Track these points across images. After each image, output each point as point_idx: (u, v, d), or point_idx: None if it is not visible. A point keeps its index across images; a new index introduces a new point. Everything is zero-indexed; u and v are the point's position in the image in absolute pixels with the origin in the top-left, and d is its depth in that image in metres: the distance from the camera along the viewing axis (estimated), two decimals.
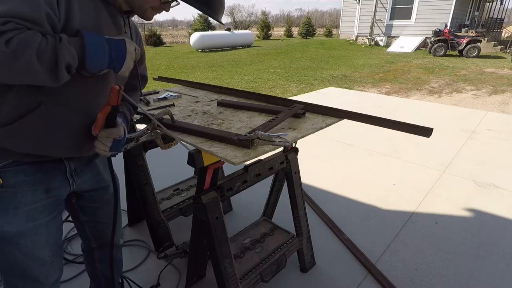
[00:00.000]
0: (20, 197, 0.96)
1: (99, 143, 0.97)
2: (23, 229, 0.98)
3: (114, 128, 0.97)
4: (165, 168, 3.12)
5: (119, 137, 0.98)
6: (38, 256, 1.04)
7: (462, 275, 1.83)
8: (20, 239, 0.98)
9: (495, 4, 15.19)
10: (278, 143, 1.04)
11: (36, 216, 1.00)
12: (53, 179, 1.02)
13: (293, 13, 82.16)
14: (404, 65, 10.14)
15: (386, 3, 15.00)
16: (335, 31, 27.04)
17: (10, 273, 1.05)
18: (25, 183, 0.95)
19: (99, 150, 0.98)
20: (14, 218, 0.96)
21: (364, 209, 2.47)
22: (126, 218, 2.28)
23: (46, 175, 1.00)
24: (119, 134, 0.98)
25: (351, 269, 1.88)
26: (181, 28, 51.74)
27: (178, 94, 1.84)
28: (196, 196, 1.28)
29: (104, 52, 0.86)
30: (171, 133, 1.19)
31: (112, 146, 0.98)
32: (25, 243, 0.99)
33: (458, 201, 2.57)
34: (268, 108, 1.51)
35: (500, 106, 5.52)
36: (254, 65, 10.32)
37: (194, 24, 22.98)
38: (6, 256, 1.01)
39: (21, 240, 0.98)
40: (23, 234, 0.98)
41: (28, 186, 0.96)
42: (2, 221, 0.96)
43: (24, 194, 0.96)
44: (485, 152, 3.52)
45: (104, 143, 0.96)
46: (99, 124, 0.94)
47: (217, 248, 1.32)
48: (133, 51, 0.93)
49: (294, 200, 1.71)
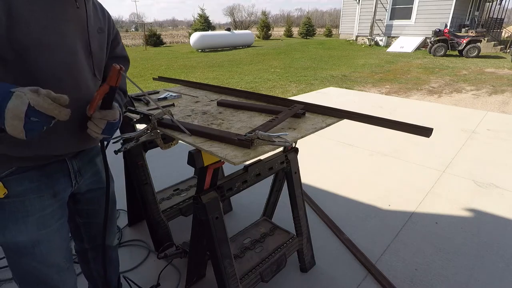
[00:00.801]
0: (28, 205, 0.93)
1: (92, 124, 0.93)
2: (36, 237, 0.96)
3: (110, 110, 0.93)
4: (165, 168, 3.12)
5: (114, 120, 0.94)
6: (54, 262, 1.02)
7: (462, 275, 1.83)
8: (34, 248, 0.96)
9: (495, 4, 15.19)
10: (278, 143, 1.04)
11: (47, 222, 0.98)
12: (57, 182, 1.01)
13: (293, 13, 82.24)
14: (404, 65, 10.14)
15: (386, 3, 15.00)
16: (335, 31, 27.05)
17: (28, 284, 1.03)
18: (31, 190, 0.93)
19: (91, 131, 0.94)
20: (26, 227, 0.94)
21: (364, 209, 2.47)
22: (126, 218, 2.28)
23: (50, 178, 0.98)
24: (115, 116, 0.94)
25: (351, 269, 1.88)
26: (181, 28, 51.75)
27: (178, 94, 1.84)
28: (196, 196, 1.28)
29: None
30: (180, 125, 1.18)
31: (105, 129, 0.94)
32: (40, 251, 0.98)
33: (458, 201, 2.57)
34: (268, 108, 1.51)
35: (500, 106, 5.52)
36: (254, 65, 10.32)
37: (194, 24, 22.97)
38: (22, 267, 0.99)
39: (35, 249, 0.97)
40: (36, 242, 0.96)
41: (35, 192, 0.94)
42: (14, 231, 0.93)
43: (32, 202, 0.94)
44: (485, 152, 3.52)
45: (97, 125, 0.92)
46: (95, 104, 0.90)
47: (217, 248, 1.32)
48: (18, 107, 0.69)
49: (294, 200, 1.71)
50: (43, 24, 0.83)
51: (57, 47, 0.86)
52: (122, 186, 2.10)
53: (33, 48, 0.82)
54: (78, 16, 0.92)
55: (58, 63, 0.88)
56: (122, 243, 2.08)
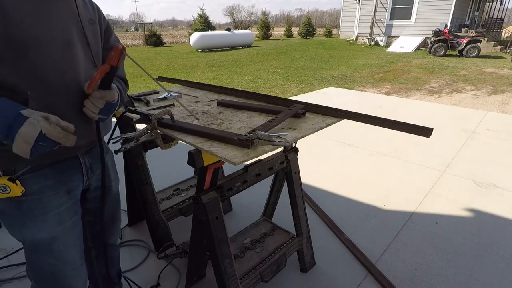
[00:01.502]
0: (46, 202, 0.94)
1: (89, 103, 0.91)
2: (54, 233, 0.97)
3: (109, 91, 0.92)
4: (165, 168, 3.12)
5: (112, 100, 0.93)
6: (70, 259, 1.03)
7: (462, 275, 1.83)
8: (52, 245, 0.97)
9: (495, 4, 15.19)
10: (278, 143, 1.04)
11: (64, 219, 0.99)
12: (71, 179, 1.02)
13: (293, 13, 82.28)
14: (404, 65, 10.14)
15: (386, 3, 15.00)
16: (335, 31, 27.06)
17: (43, 281, 1.04)
18: (47, 187, 0.94)
19: (88, 110, 0.92)
20: (44, 224, 0.95)
21: (364, 209, 2.47)
22: (126, 218, 2.28)
23: (65, 175, 0.99)
24: (114, 97, 0.94)
25: (351, 269, 1.88)
26: (181, 28, 51.78)
27: (178, 94, 1.84)
28: (196, 196, 1.28)
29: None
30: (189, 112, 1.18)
31: (103, 110, 0.93)
32: (58, 248, 0.99)
33: (458, 201, 2.57)
34: (268, 108, 1.51)
35: (500, 106, 5.52)
36: (254, 65, 10.32)
37: (194, 24, 22.97)
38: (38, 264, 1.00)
39: (53, 246, 0.98)
40: (55, 239, 0.97)
41: (51, 189, 0.95)
42: (33, 229, 0.94)
43: (49, 199, 0.95)
44: (485, 152, 3.52)
45: (95, 104, 0.91)
46: (94, 83, 0.89)
47: (217, 248, 1.32)
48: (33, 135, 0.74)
49: (294, 200, 1.71)
50: (37, 19, 0.82)
51: (54, 41, 0.86)
52: (122, 186, 2.09)
53: (31, 44, 0.81)
54: (68, 9, 0.91)
55: (58, 56, 0.87)
56: (122, 243, 2.08)
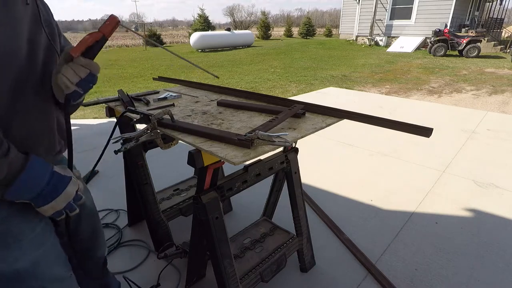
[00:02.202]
0: (16, 230, 0.85)
1: (69, 71, 0.81)
2: (35, 258, 0.90)
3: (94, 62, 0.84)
4: (165, 168, 3.12)
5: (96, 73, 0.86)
6: (56, 275, 0.97)
7: (462, 275, 1.83)
8: (35, 269, 0.90)
9: (495, 4, 15.19)
10: (278, 143, 1.04)
11: (42, 240, 0.92)
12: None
13: (293, 13, 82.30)
14: (404, 65, 10.14)
15: (386, 3, 15.00)
16: (335, 31, 27.07)
17: None
18: (12, 214, 0.84)
19: (65, 79, 0.81)
20: (21, 251, 0.86)
21: (364, 209, 2.47)
22: (126, 218, 2.28)
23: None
24: (98, 70, 0.86)
25: (351, 269, 1.88)
26: (181, 28, 51.77)
27: (178, 94, 1.84)
28: (196, 196, 1.28)
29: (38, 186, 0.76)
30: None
31: (83, 81, 0.83)
32: (41, 270, 0.92)
33: (458, 201, 2.57)
34: (268, 108, 1.51)
35: (500, 106, 5.52)
36: (254, 65, 10.32)
37: (194, 24, 22.98)
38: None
39: (36, 270, 0.90)
40: (36, 263, 0.90)
41: (17, 216, 0.85)
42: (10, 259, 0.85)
43: (18, 225, 0.85)
44: (485, 152, 3.52)
45: (76, 72, 0.81)
46: (84, 46, 0.81)
47: (217, 248, 1.32)
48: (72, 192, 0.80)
49: (294, 200, 1.71)
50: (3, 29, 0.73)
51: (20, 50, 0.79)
52: (122, 186, 2.10)
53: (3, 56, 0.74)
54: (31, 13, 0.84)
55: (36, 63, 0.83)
56: (122, 243, 2.09)
